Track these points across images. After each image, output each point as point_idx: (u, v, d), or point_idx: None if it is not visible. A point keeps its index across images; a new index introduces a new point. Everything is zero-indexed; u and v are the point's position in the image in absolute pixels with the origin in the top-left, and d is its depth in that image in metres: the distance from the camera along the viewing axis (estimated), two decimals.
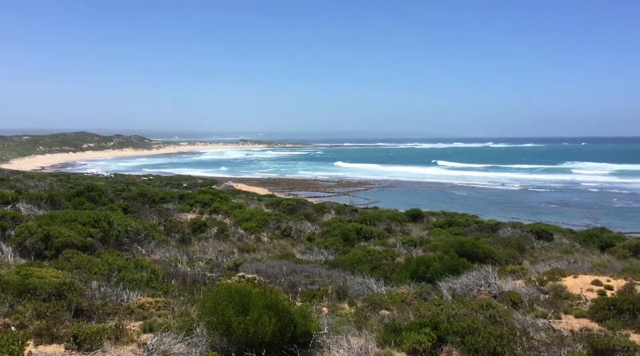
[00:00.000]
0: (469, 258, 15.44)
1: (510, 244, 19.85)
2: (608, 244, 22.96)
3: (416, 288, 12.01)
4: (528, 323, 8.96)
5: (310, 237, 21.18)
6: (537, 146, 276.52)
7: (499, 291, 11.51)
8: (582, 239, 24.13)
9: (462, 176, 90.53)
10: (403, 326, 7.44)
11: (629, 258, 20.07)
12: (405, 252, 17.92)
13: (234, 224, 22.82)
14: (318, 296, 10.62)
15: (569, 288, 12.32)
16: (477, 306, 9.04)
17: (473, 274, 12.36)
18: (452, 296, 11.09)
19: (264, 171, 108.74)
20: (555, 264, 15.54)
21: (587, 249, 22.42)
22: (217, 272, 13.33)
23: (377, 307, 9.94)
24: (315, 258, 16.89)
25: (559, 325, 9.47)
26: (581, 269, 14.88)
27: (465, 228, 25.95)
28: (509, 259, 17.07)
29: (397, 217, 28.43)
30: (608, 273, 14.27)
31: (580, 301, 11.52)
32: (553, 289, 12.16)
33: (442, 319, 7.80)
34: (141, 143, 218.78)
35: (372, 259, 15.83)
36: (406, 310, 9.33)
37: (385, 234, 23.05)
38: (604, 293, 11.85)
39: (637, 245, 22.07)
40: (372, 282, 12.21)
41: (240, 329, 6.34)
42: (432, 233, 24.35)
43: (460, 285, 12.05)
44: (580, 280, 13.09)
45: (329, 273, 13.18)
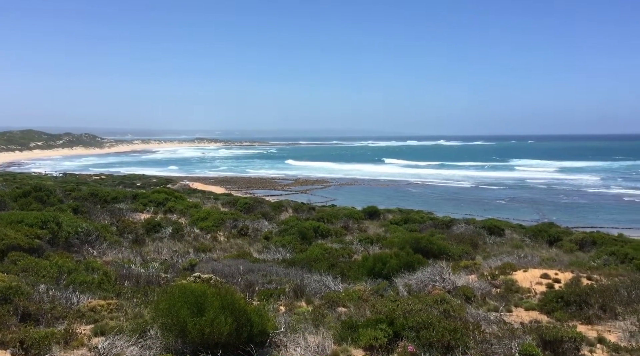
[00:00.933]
0: (424, 254, 15.71)
1: (463, 240, 20.29)
2: (556, 239, 23.79)
3: (373, 284, 12.12)
4: (481, 316, 9.18)
5: (268, 236, 21.07)
6: (487, 144, 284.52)
7: (453, 286, 11.75)
8: (532, 234, 24.92)
9: (417, 173, 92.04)
10: (360, 323, 7.50)
11: (576, 251, 20.85)
12: (363, 249, 18.06)
13: (189, 224, 22.46)
14: (275, 295, 10.57)
15: (519, 282, 12.69)
16: (431, 302, 9.20)
17: (428, 270, 12.58)
18: (408, 292, 11.26)
19: (221, 169, 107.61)
20: (506, 259, 15.99)
21: (537, 243, 23.17)
22: (172, 273, 13.09)
23: (335, 304, 9.98)
24: (273, 256, 16.82)
25: (510, 318, 9.75)
26: (531, 263, 15.37)
27: (420, 225, 26.37)
28: (462, 254, 17.45)
29: (354, 215, 28.62)
30: (556, 266, 14.78)
31: (530, 294, 11.90)
32: (504, 284, 12.51)
33: (398, 315, 7.90)
34: (92, 142, 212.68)
35: (329, 257, 15.88)
36: (363, 307, 9.41)
37: (342, 231, 23.18)
38: (552, 286, 12.27)
39: (583, 239, 22.97)
40: (330, 280, 12.25)
41: (196, 330, 6.24)
42: (388, 230, 24.64)
43: (416, 281, 12.24)
44: (530, 274, 13.51)
45: (286, 272, 13.15)
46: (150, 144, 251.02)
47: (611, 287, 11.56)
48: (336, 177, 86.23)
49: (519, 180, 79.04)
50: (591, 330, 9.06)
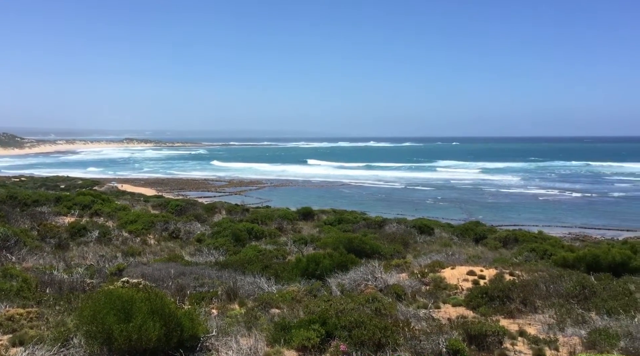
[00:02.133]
0: (357, 253, 15.95)
1: (395, 239, 20.78)
2: (482, 237, 24.85)
3: (306, 285, 12.16)
4: (410, 313, 9.43)
5: (200, 238, 20.69)
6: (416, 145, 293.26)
7: (384, 285, 12.00)
8: (460, 233, 25.90)
9: (351, 175, 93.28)
10: (293, 324, 7.50)
11: (500, 248, 21.87)
12: (297, 250, 18.10)
13: (117, 227, 21.66)
14: (207, 298, 10.39)
15: (447, 279, 13.15)
16: (364, 300, 9.35)
17: (361, 270, 12.79)
18: (341, 292, 11.38)
19: (151, 170, 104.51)
20: (435, 257, 16.52)
21: (464, 241, 24.11)
22: (99, 278, 12.58)
23: (268, 306, 9.93)
24: (205, 259, 16.53)
25: (439, 314, 10.08)
26: (458, 260, 15.96)
27: (354, 225, 26.75)
28: (394, 253, 17.86)
29: (288, 216, 28.63)
30: (481, 263, 15.44)
31: (457, 290, 12.35)
32: (433, 281, 12.92)
33: (330, 314, 7.96)
34: (11, 142, 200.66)
35: (263, 258, 15.80)
36: (296, 308, 9.42)
37: (276, 233, 23.12)
38: (478, 282, 12.79)
39: (506, 237, 24.14)
40: (263, 281, 12.18)
41: (123, 337, 6.02)
42: (322, 230, 24.82)
43: (349, 280, 12.41)
44: (457, 271, 14.03)
45: (219, 274, 12.96)
46: (76, 145, 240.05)
47: (531, 282, 12.19)
48: (270, 178, 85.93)
49: (446, 181, 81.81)
50: (513, 324, 9.51)
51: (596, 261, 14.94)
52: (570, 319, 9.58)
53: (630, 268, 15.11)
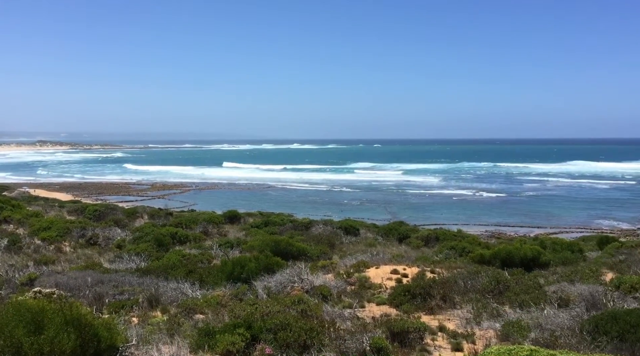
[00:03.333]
0: (284, 256, 15.93)
1: (322, 241, 20.94)
2: (405, 236, 25.54)
3: (232, 289, 12.01)
4: (336, 314, 9.53)
5: (121, 244, 19.89)
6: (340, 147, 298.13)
7: (311, 286, 12.06)
8: (384, 233, 26.48)
9: (278, 177, 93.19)
10: (217, 329, 7.37)
11: (422, 247, 22.57)
12: (222, 254, 17.80)
13: (29, 235, 20.41)
14: (127, 306, 10.01)
15: (372, 278, 13.43)
16: (290, 303, 9.35)
17: (287, 272, 12.79)
18: (267, 295, 11.32)
19: (67, 175, 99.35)
20: (361, 257, 16.82)
21: (388, 241, 24.66)
22: (8, 289, 11.79)
23: (192, 312, 9.71)
24: (126, 266, 15.90)
25: (363, 313, 10.26)
26: (382, 260, 16.33)
27: (281, 227, 26.69)
28: (320, 255, 17.98)
29: (214, 219, 28.13)
30: (405, 262, 15.89)
31: (381, 289, 12.64)
32: (358, 281, 13.14)
33: (256, 318, 7.90)
34: None
35: (187, 263, 15.42)
36: (221, 312, 9.27)
37: (202, 237, 22.64)
38: (401, 281, 13.16)
39: (428, 236, 24.95)
40: (187, 287, 11.90)
41: (33, 350, 5.67)
42: (249, 233, 24.58)
43: (275, 283, 12.37)
44: (382, 270, 14.36)
45: (140, 281, 12.50)
46: None
47: (451, 279, 12.70)
48: (195, 181, 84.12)
49: (370, 182, 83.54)
50: (434, 320, 9.86)
51: (510, 257, 15.78)
52: (486, 313, 10.06)
53: (540, 262, 16.10)
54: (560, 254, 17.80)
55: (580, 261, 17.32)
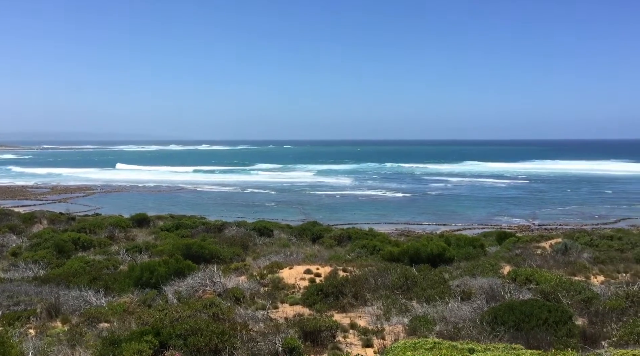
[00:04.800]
0: (195, 259, 15.57)
1: (235, 243, 20.68)
2: (318, 236, 25.83)
3: (141, 295, 11.57)
4: (249, 316, 9.46)
5: (16, 251, 18.54)
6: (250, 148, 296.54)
7: (223, 289, 11.88)
8: (298, 233, 26.63)
9: (190, 179, 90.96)
10: (123, 337, 7.06)
11: (335, 247, 22.92)
12: (130, 259, 17.09)
13: None
14: (24, 318, 9.34)
15: (285, 279, 13.45)
16: (201, 306, 9.16)
17: (199, 275, 12.52)
18: (178, 299, 11.02)
19: None
20: (274, 258, 16.80)
21: (302, 241, 24.83)
22: None
23: (96, 321, 9.24)
24: (22, 274, 14.85)
25: (277, 314, 10.25)
26: (296, 260, 16.41)
27: (192, 230, 26.07)
28: (233, 257, 17.76)
29: (121, 223, 26.94)
30: (318, 262, 16.06)
31: (294, 289, 12.69)
32: (272, 282, 13.12)
33: (165, 324, 7.67)
34: None
35: (91, 270, 14.66)
36: (128, 320, 8.90)
37: (108, 242, 21.62)
38: (314, 280, 13.28)
39: (340, 235, 25.40)
40: (91, 294, 11.31)
41: None
42: (159, 237, 23.79)
43: (186, 287, 12.07)
44: (295, 270, 14.42)
45: (38, 290, 11.72)
46: None
47: (362, 277, 13.00)
48: (101, 184, 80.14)
49: (285, 183, 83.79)
50: (345, 317, 10.04)
51: (417, 253, 16.43)
52: (395, 309, 10.40)
53: (445, 258, 16.89)
54: (464, 249, 18.77)
55: (482, 256, 18.37)
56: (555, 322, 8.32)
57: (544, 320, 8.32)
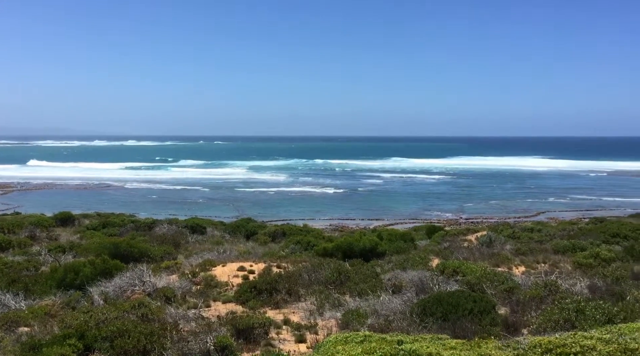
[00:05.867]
0: (124, 258, 15.06)
1: (166, 241, 20.17)
2: (253, 233, 25.66)
3: (64, 297, 11.05)
4: (180, 315, 9.25)
5: None
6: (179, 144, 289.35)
7: (153, 289, 11.56)
8: (231, 230, 26.34)
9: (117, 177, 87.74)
10: (45, 342, 6.72)
11: (269, 243, 22.86)
12: (52, 259, 16.27)
13: None
14: None
15: (218, 277, 13.26)
16: (129, 307, 8.86)
17: (127, 275, 12.11)
18: (105, 301, 10.61)
19: None
20: (207, 256, 16.52)
21: (236, 238, 24.58)
22: None
23: (15, 325, 8.73)
24: None
25: (209, 313, 10.09)
26: (229, 257, 16.23)
27: (121, 228, 25.19)
28: (164, 255, 17.31)
29: (42, 222, 25.61)
30: (252, 258, 15.95)
31: (227, 287, 12.53)
32: (204, 280, 12.89)
33: (90, 326, 7.36)
34: None
35: (9, 271, 13.82)
36: (50, 323, 8.48)
37: (28, 242, 20.46)
38: (248, 277, 13.18)
39: (275, 231, 25.35)
40: (9, 298, 10.70)
41: None
42: (84, 236, 22.80)
43: (114, 288, 11.65)
44: (228, 268, 14.25)
45: None
46: None
47: (296, 273, 13.03)
48: (19, 182, 75.80)
49: (218, 179, 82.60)
50: (279, 314, 10.03)
51: (350, 248, 16.66)
52: (329, 303, 10.50)
53: (377, 252, 17.24)
54: (395, 244, 19.22)
55: (412, 249, 18.88)
56: (480, 312, 8.69)
57: (470, 310, 8.67)
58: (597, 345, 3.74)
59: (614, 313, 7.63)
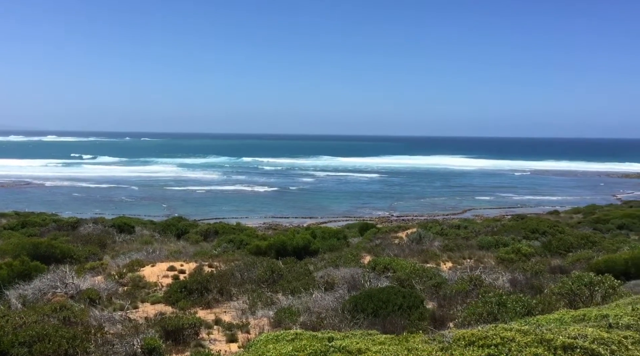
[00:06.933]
0: (45, 259, 14.32)
1: (91, 241, 19.36)
2: (184, 232, 25.08)
3: None
4: (105, 318, 8.90)
5: None
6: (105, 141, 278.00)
7: (76, 291, 11.07)
8: (162, 229, 25.63)
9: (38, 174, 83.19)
10: None
11: (201, 242, 22.43)
12: None
13: None
14: None
15: (147, 277, 12.87)
16: (50, 311, 8.43)
17: (48, 277, 11.53)
18: (23, 304, 10.05)
19: None
20: (135, 256, 15.98)
21: (166, 237, 23.93)
22: None
23: None
24: None
25: (137, 314, 9.76)
26: (159, 257, 15.78)
27: (42, 228, 23.94)
28: (89, 256, 16.62)
29: None
30: (182, 258, 15.60)
31: (157, 288, 12.19)
32: (132, 281, 12.48)
33: (6, 331, 6.93)
34: None
35: None
36: None
37: None
38: (178, 277, 12.87)
39: (207, 230, 24.91)
40: None
41: None
42: (1, 236, 21.47)
43: (33, 290, 11.06)
44: (158, 268, 13.87)
45: None
46: None
47: (228, 272, 12.86)
48: None
49: (149, 177, 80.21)
50: (210, 314, 9.87)
51: (283, 246, 16.65)
52: (261, 302, 10.43)
53: (310, 250, 17.33)
54: (328, 241, 19.40)
55: (345, 247, 19.13)
56: (409, 307, 8.92)
57: (399, 305, 8.88)
58: (516, 336, 3.93)
59: (533, 305, 8.04)
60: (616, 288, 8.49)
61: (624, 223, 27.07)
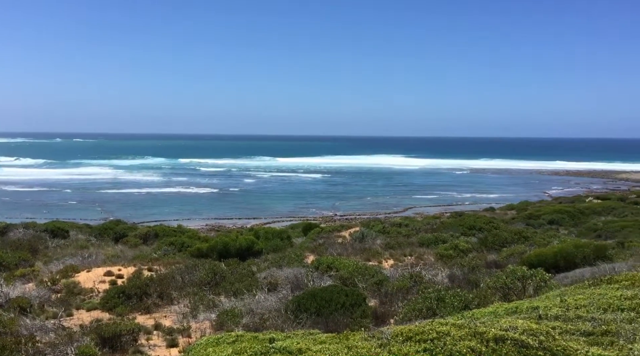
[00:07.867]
0: None
1: (21, 246, 18.44)
2: (122, 235, 24.29)
3: None
4: (37, 326, 8.50)
5: None
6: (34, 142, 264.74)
7: (5, 299, 10.52)
8: (98, 233, 24.73)
9: None
10: None
11: (140, 245, 21.79)
12: None
13: None
14: None
15: (82, 283, 12.38)
16: None
17: None
18: None
19: None
20: (69, 261, 15.36)
21: (103, 242, 23.11)
22: None
23: None
24: None
25: (71, 322, 9.39)
26: (95, 262, 15.23)
27: None
28: (19, 262, 15.81)
29: None
30: (120, 262, 15.11)
31: (92, 294, 11.76)
32: (66, 287, 11.98)
33: None
34: None
35: None
36: None
37: None
38: (115, 282, 12.47)
39: (146, 233, 24.24)
40: None
41: None
42: None
43: None
44: (94, 273, 13.38)
45: None
46: None
47: (168, 275, 12.58)
48: None
49: (84, 179, 77.25)
50: (150, 319, 9.61)
51: (226, 248, 16.46)
52: (203, 305, 10.26)
53: (254, 251, 17.21)
54: (272, 242, 19.32)
55: (288, 247, 19.11)
56: (351, 305, 9.01)
57: (342, 304, 8.96)
58: (451, 330, 4.06)
59: (470, 299, 8.32)
60: (547, 280, 8.92)
61: (554, 218, 28.51)
